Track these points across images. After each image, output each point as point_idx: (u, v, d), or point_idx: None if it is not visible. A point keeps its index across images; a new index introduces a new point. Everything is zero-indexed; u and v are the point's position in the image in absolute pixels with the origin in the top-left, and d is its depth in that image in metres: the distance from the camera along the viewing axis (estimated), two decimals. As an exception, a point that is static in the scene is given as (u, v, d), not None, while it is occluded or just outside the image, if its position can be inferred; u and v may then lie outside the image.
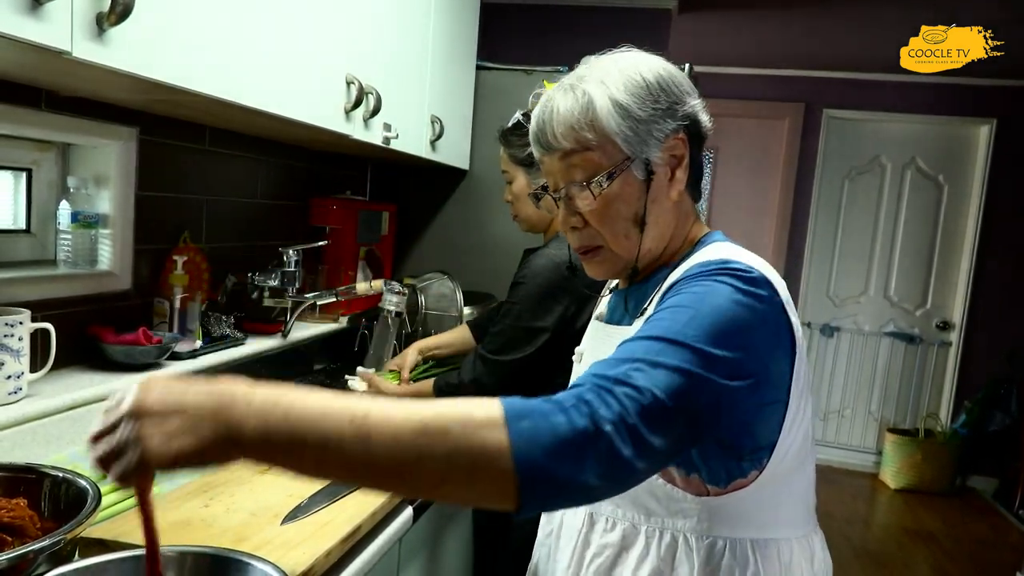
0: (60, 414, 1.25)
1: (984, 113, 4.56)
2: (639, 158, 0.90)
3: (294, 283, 1.90)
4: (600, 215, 0.92)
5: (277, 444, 0.64)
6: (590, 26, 3.18)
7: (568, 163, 0.92)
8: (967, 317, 4.69)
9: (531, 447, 0.64)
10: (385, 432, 0.64)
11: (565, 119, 0.90)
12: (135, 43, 0.96)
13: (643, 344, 0.75)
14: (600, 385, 0.69)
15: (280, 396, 0.66)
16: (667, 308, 0.80)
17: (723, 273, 0.81)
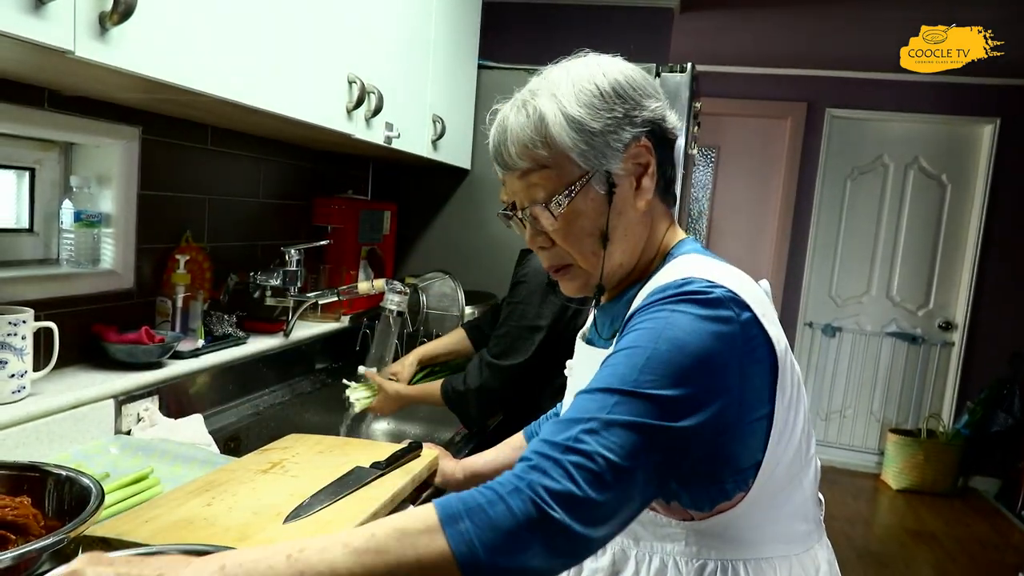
0: (63, 413, 1.25)
1: (987, 112, 4.55)
2: (599, 171, 0.86)
3: (296, 282, 1.90)
4: (564, 234, 0.89)
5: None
6: (592, 25, 3.18)
7: (527, 182, 0.88)
8: (970, 317, 4.68)
9: (472, 549, 0.62)
10: (323, 562, 0.63)
11: (518, 138, 0.87)
12: (137, 42, 0.96)
13: (596, 399, 0.72)
14: (547, 455, 0.67)
15: (219, 556, 0.66)
16: (622, 350, 0.76)
17: (681, 299, 0.77)
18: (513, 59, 2.71)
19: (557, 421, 0.72)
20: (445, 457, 1.39)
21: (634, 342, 0.76)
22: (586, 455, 0.66)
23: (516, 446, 1.33)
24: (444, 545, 0.62)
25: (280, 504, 1.07)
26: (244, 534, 0.96)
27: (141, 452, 1.30)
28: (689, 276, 0.80)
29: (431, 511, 0.65)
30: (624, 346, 0.77)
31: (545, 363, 1.68)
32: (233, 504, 1.06)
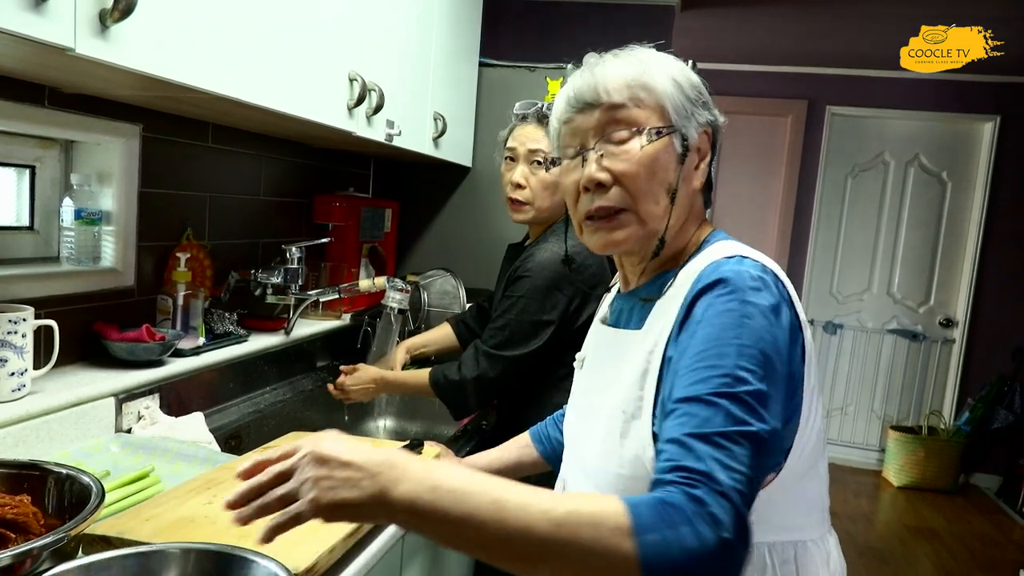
0: (64, 411, 1.25)
1: (988, 110, 4.55)
2: (680, 131, 0.90)
3: (297, 280, 1.90)
4: (636, 173, 0.89)
5: (422, 513, 0.68)
6: (593, 22, 3.18)
7: (611, 116, 0.90)
8: (970, 314, 4.68)
9: (659, 562, 0.64)
10: (520, 521, 0.67)
11: (621, 75, 0.90)
12: (137, 40, 0.96)
13: (706, 412, 0.73)
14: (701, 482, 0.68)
15: (433, 469, 0.71)
16: (709, 349, 0.77)
17: (747, 288, 0.80)
18: (514, 57, 2.71)
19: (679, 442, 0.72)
20: (447, 455, 1.39)
21: (716, 339, 0.78)
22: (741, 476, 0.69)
23: (522, 444, 1.33)
24: (632, 551, 0.65)
25: (281, 502, 1.07)
26: (246, 532, 0.96)
27: (142, 450, 1.29)
28: (738, 254, 0.86)
29: (623, 511, 0.66)
30: (708, 344, 0.78)
31: (546, 356, 1.67)
32: (234, 502, 1.06)
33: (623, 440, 0.87)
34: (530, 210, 1.73)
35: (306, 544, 0.94)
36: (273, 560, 0.83)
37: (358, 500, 0.69)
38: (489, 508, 0.67)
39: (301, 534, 0.97)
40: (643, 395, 0.86)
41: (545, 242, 1.71)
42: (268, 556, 0.84)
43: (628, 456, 0.85)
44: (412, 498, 0.68)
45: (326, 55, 1.48)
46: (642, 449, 0.84)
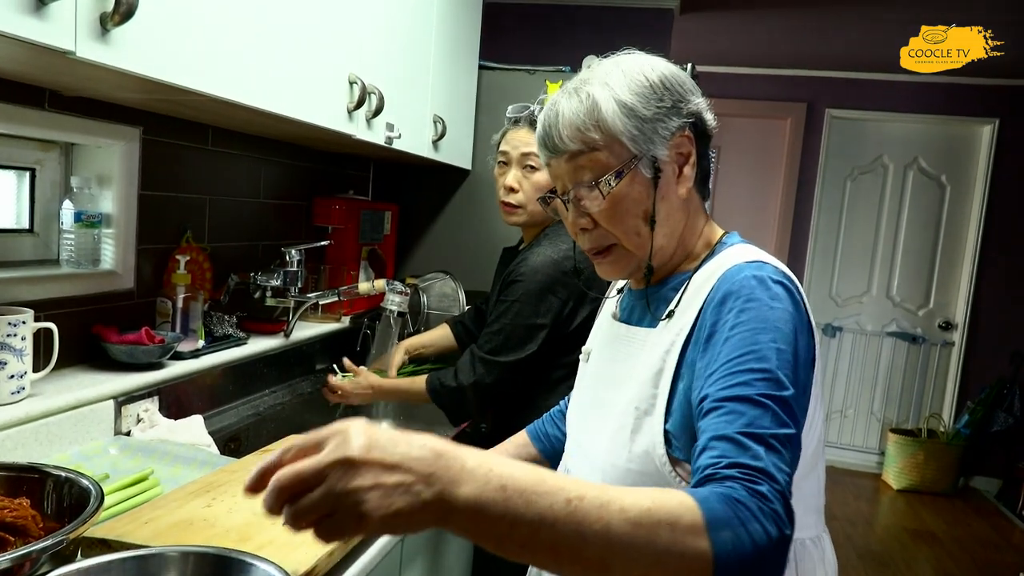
0: (63, 413, 1.25)
1: (986, 113, 4.55)
2: (646, 156, 0.90)
3: (296, 283, 1.90)
4: (610, 214, 0.92)
5: (489, 515, 0.60)
6: (592, 26, 3.18)
7: (575, 164, 0.92)
8: (970, 317, 4.68)
9: (731, 559, 0.64)
10: (599, 522, 0.62)
11: (570, 121, 0.90)
12: (138, 43, 0.96)
13: (755, 411, 0.74)
14: (763, 479, 0.69)
15: (493, 464, 0.62)
16: (748, 354, 0.78)
17: (774, 294, 0.82)
18: (514, 60, 2.71)
19: (730, 439, 0.73)
20: None
21: (753, 343, 0.79)
22: (787, 473, 0.71)
23: (520, 443, 1.33)
24: (707, 549, 0.64)
25: (281, 505, 1.07)
26: (244, 535, 0.96)
27: (141, 453, 1.29)
28: (758, 259, 0.88)
29: (695, 508, 0.65)
30: (746, 348, 0.79)
31: (541, 360, 1.67)
32: (233, 505, 1.06)
33: (634, 436, 0.88)
34: (523, 213, 1.74)
35: (305, 547, 0.94)
36: (272, 563, 0.83)
37: (413, 508, 0.58)
38: (564, 509, 0.61)
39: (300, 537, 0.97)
40: (657, 393, 0.88)
41: (538, 245, 1.71)
42: (267, 559, 0.84)
43: (638, 451, 0.87)
44: (481, 501, 0.60)
45: (326, 58, 1.48)
46: (652, 446, 0.86)
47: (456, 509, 0.59)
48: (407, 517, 0.58)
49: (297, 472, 0.58)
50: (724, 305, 0.84)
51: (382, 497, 0.57)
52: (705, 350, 0.83)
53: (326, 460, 0.57)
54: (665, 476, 0.85)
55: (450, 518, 0.60)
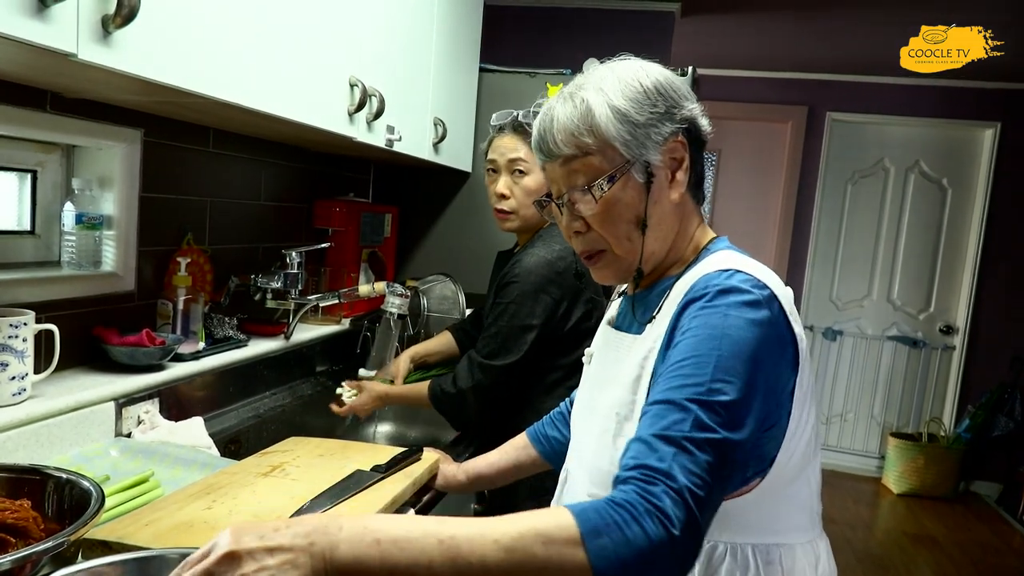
0: (64, 415, 1.25)
1: (988, 116, 4.55)
2: (639, 161, 0.91)
3: (297, 285, 1.90)
4: (602, 218, 0.93)
5: (369, 568, 0.66)
6: (593, 29, 3.19)
7: (569, 169, 0.93)
8: (971, 321, 4.68)
9: (611, 565, 0.66)
10: (473, 553, 0.67)
11: (565, 126, 0.92)
12: (140, 45, 0.96)
13: (676, 415, 0.75)
14: (660, 480, 0.70)
15: (367, 522, 0.69)
16: (689, 359, 0.79)
17: (732, 299, 0.82)
18: (514, 62, 2.71)
19: (644, 440, 0.74)
20: (445, 461, 1.39)
21: (696, 349, 0.79)
22: (698, 478, 0.71)
23: (520, 446, 1.33)
24: (584, 559, 0.66)
25: (281, 507, 1.07)
26: (245, 537, 0.96)
27: (141, 455, 1.29)
28: (732, 267, 0.87)
29: (571, 521, 0.67)
30: (687, 355, 0.79)
31: (537, 361, 1.67)
32: (234, 507, 1.06)
33: (615, 440, 0.90)
34: (516, 219, 1.75)
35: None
36: (272, 565, 0.83)
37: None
38: (437, 549, 0.67)
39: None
40: (635, 399, 0.89)
41: (532, 247, 1.72)
42: (267, 561, 0.84)
43: (619, 455, 0.85)
44: (356, 556, 0.66)
45: (327, 60, 1.48)
46: None
47: (340, 569, 0.66)
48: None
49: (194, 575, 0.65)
50: (684, 313, 0.85)
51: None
52: (665, 358, 0.84)
53: (213, 561, 0.65)
54: None
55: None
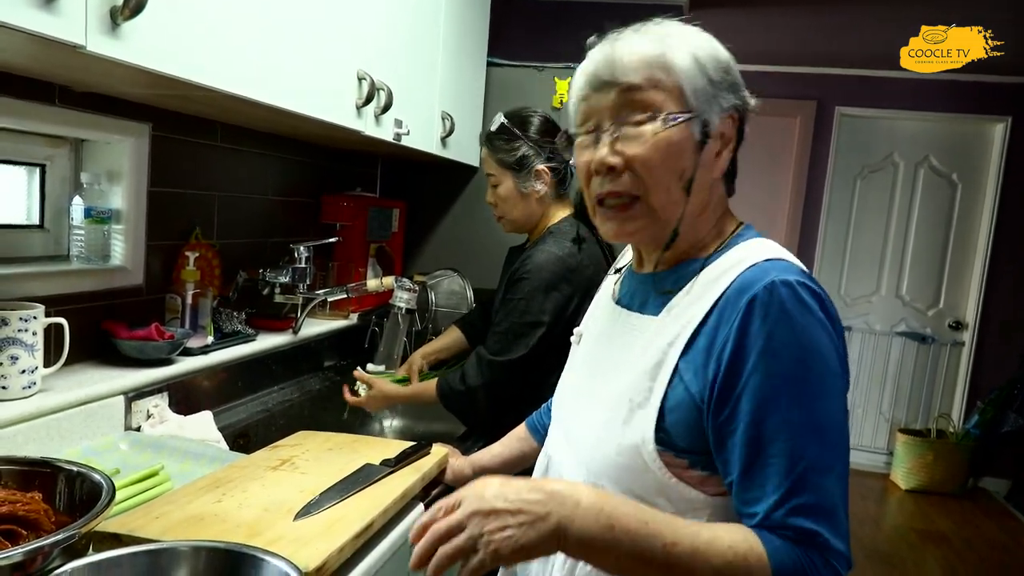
0: (74, 408, 1.25)
1: (999, 111, 4.51)
2: (700, 117, 0.85)
3: (305, 280, 1.90)
4: (647, 158, 0.85)
5: (595, 548, 0.74)
6: (601, 23, 3.16)
7: (626, 99, 0.86)
8: (980, 317, 4.65)
9: None
10: (686, 567, 0.74)
11: (640, 54, 0.85)
12: (148, 37, 0.96)
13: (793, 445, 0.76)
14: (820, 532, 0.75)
15: (603, 503, 0.75)
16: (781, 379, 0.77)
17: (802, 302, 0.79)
18: (522, 56, 2.70)
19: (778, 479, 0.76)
20: (454, 455, 1.39)
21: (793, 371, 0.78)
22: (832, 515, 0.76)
23: (521, 436, 1.33)
24: None
25: (290, 501, 1.07)
26: (255, 530, 0.96)
27: (151, 448, 1.30)
28: (783, 257, 0.84)
29: (764, 561, 0.74)
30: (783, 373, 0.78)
31: (546, 357, 1.67)
32: (243, 501, 1.06)
33: (624, 427, 0.86)
34: (506, 223, 1.84)
35: (315, 543, 0.94)
36: (283, 559, 0.83)
37: (535, 542, 0.73)
38: (660, 553, 0.74)
39: (311, 533, 0.97)
40: (653, 386, 0.84)
41: (543, 243, 1.72)
42: (278, 555, 0.84)
43: (627, 444, 0.85)
44: (590, 536, 0.74)
45: (335, 53, 1.48)
46: (642, 441, 0.83)
47: (570, 540, 0.74)
48: (530, 548, 0.74)
49: (447, 524, 0.75)
50: (750, 321, 0.79)
51: (509, 535, 0.73)
52: (725, 372, 0.79)
53: (463, 513, 0.75)
54: (653, 472, 0.83)
55: (565, 546, 0.74)
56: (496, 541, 0.73)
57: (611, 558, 0.75)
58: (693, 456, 0.83)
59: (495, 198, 1.82)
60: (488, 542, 0.73)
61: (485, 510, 0.74)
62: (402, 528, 1.16)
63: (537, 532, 0.73)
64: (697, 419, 0.82)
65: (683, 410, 0.82)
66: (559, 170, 1.79)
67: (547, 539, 0.73)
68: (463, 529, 0.74)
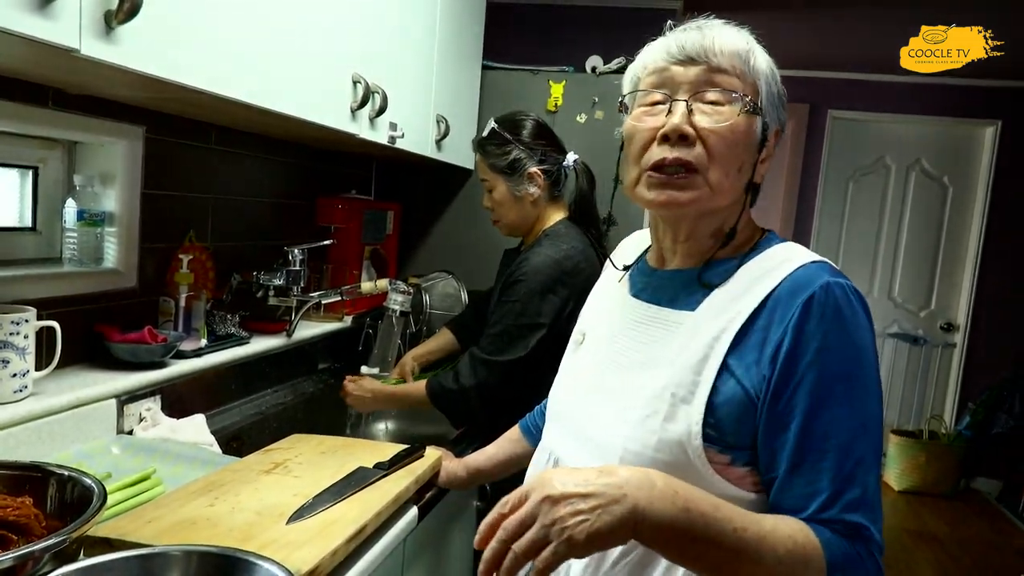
0: (65, 412, 1.25)
1: (989, 115, 4.55)
2: (765, 117, 0.91)
3: (299, 282, 1.90)
4: (724, 136, 0.87)
5: (671, 531, 0.72)
6: (595, 26, 3.17)
7: (710, 77, 0.88)
8: (971, 319, 4.68)
9: None
10: (755, 553, 0.74)
11: (732, 43, 0.90)
12: (143, 41, 0.96)
13: (845, 441, 0.79)
14: (871, 541, 0.79)
15: (676, 487, 0.74)
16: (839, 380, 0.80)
17: (854, 309, 0.82)
18: (516, 60, 2.71)
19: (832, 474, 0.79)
20: (447, 458, 1.39)
21: (846, 370, 0.81)
22: (874, 508, 0.80)
23: (514, 439, 1.33)
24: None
25: (283, 504, 1.07)
26: (248, 534, 0.96)
27: (143, 452, 1.29)
28: (826, 260, 0.88)
29: (820, 551, 0.76)
30: (837, 371, 0.81)
31: (541, 360, 1.67)
32: (236, 504, 1.06)
33: (667, 423, 0.84)
34: (502, 226, 1.86)
35: (308, 547, 0.94)
36: (275, 563, 0.83)
37: (612, 526, 0.70)
38: (731, 537, 0.73)
39: (304, 537, 0.97)
40: (699, 380, 0.84)
41: (539, 246, 1.72)
42: (270, 559, 0.84)
43: (670, 439, 0.83)
44: (668, 518, 0.72)
45: (329, 57, 1.48)
46: (688, 436, 0.82)
47: (647, 523, 0.71)
48: (607, 534, 0.70)
49: (517, 518, 0.72)
50: (807, 320, 0.81)
51: (583, 520, 0.70)
52: (782, 368, 0.81)
53: (533, 503, 0.72)
54: (696, 468, 0.82)
55: (641, 530, 0.71)
56: (570, 528, 0.69)
57: (684, 542, 0.73)
58: (737, 451, 0.83)
59: (491, 202, 1.84)
60: (561, 530, 0.69)
61: (555, 495, 0.71)
62: (395, 532, 1.16)
63: (612, 516, 0.70)
64: (749, 413, 0.82)
65: (735, 404, 0.82)
66: (552, 172, 1.80)
67: (623, 523, 0.70)
68: (535, 519, 0.71)
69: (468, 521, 1.76)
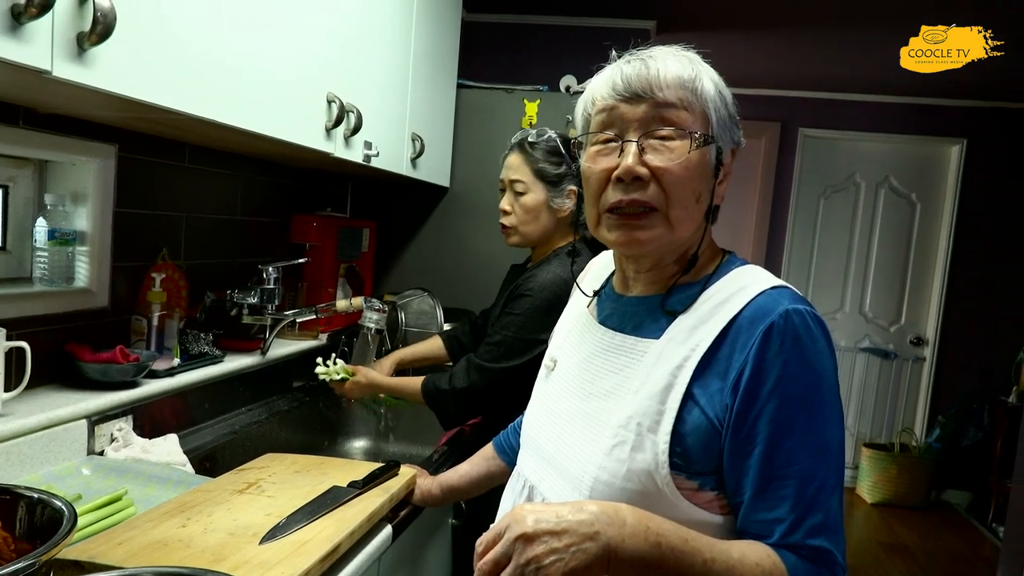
0: (35, 433, 1.23)
1: (954, 133, 4.66)
2: (717, 144, 0.91)
3: (273, 300, 1.89)
4: (678, 175, 0.87)
5: (643, 566, 0.74)
6: (570, 45, 3.22)
7: (658, 113, 0.88)
8: (940, 333, 4.77)
9: None
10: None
11: (676, 74, 0.89)
12: (115, 62, 0.96)
13: (812, 466, 0.80)
14: (824, 542, 0.80)
15: (648, 522, 0.76)
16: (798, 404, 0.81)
17: (814, 333, 0.84)
18: (491, 79, 2.74)
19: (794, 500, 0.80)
20: (422, 475, 1.39)
21: (806, 396, 0.82)
22: (837, 531, 0.81)
23: (488, 456, 1.34)
24: None
25: (256, 524, 1.06)
26: (220, 555, 0.96)
27: (114, 473, 1.28)
28: (786, 286, 0.89)
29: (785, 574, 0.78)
30: (798, 398, 0.82)
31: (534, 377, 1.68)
32: (208, 525, 1.05)
33: (634, 453, 0.84)
34: (515, 234, 1.80)
35: (281, 567, 0.94)
36: (247, 584, 0.83)
37: (586, 564, 0.72)
38: (701, 569, 0.75)
39: (277, 557, 0.97)
40: (664, 410, 0.84)
41: (548, 264, 1.74)
42: (242, 580, 0.84)
43: (638, 469, 0.84)
44: (640, 554, 0.74)
45: (304, 77, 1.49)
46: (655, 465, 0.83)
47: (620, 560, 0.73)
48: (581, 572, 0.72)
49: (492, 558, 0.74)
50: (767, 348, 0.82)
51: (557, 560, 0.71)
52: (743, 397, 0.82)
53: (507, 542, 0.73)
54: (666, 495, 0.83)
55: (614, 567, 0.73)
56: (545, 567, 0.71)
57: (659, 575, 0.75)
58: (704, 477, 0.84)
59: (514, 206, 1.78)
60: (536, 569, 0.71)
61: (529, 533, 0.72)
62: (370, 551, 1.16)
63: (586, 554, 0.72)
64: (714, 440, 0.83)
65: (700, 433, 0.83)
66: (582, 196, 1.80)
67: (598, 560, 0.72)
68: (510, 559, 0.73)
69: (443, 539, 1.75)
